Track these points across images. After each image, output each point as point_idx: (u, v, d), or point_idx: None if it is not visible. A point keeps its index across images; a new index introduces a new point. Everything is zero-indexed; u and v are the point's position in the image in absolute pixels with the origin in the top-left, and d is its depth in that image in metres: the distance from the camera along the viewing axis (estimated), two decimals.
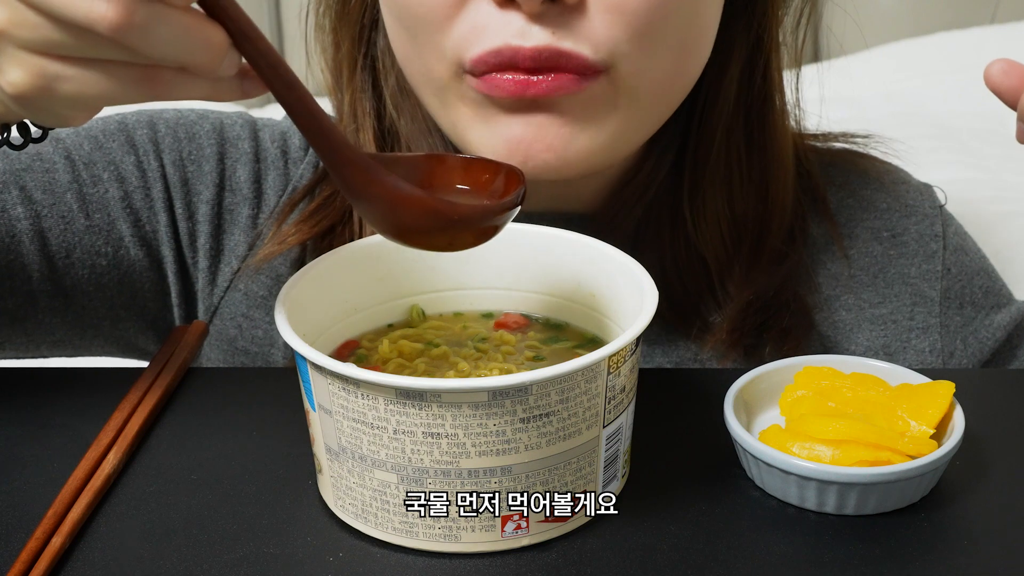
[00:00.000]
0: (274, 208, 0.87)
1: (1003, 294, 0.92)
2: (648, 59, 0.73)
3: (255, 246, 0.86)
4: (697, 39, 0.76)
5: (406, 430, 0.58)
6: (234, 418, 0.72)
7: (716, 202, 0.84)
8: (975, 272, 0.91)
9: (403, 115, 0.84)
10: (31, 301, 0.82)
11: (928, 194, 0.93)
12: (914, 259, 0.89)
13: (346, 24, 0.84)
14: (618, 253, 0.69)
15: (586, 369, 0.59)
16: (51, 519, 0.62)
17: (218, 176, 0.87)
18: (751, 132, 0.84)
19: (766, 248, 0.86)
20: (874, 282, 0.88)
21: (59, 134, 0.85)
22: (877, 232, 0.90)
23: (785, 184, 0.86)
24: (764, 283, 0.85)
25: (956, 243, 0.91)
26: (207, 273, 0.86)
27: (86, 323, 0.84)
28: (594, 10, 0.70)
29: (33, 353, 0.86)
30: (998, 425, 0.70)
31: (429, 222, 0.60)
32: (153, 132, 0.86)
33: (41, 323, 0.83)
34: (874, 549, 0.61)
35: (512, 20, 0.70)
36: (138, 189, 0.85)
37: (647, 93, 0.75)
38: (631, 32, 0.71)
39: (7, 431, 0.71)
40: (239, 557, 0.60)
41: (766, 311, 0.84)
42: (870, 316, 0.87)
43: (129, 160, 0.85)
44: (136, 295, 0.85)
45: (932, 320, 0.87)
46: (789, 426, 0.67)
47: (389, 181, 0.59)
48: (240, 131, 0.88)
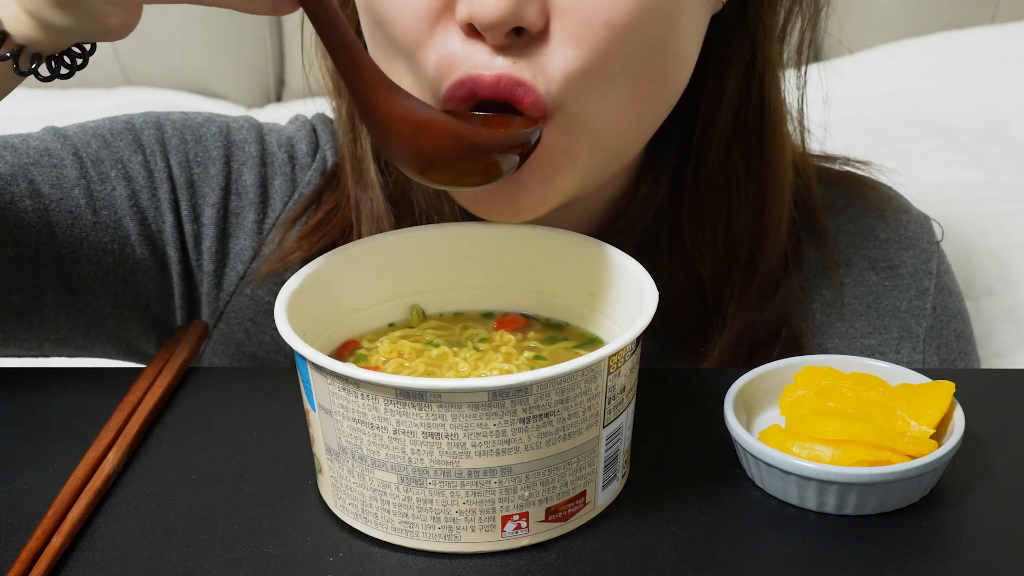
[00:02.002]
0: (280, 213, 0.87)
1: (970, 341, 0.92)
2: (604, 95, 0.70)
3: (261, 252, 0.86)
4: (664, 72, 0.73)
5: (406, 430, 0.58)
6: (234, 418, 0.72)
7: (713, 221, 0.83)
8: (953, 315, 0.90)
9: None
10: (38, 295, 0.82)
11: (927, 227, 0.91)
12: (906, 293, 0.88)
13: None
14: (618, 253, 0.69)
15: (586, 369, 0.59)
16: (51, 519, 0.62)
17: (224, 179, 0.86)
18: (749, 150, 0.83)
19: (760, 268, 0.85)
20: (867, 312, 0.87)
21: (65, 131, 0.86)
22: (874, 262, 0.89)
23: (782, 202, 0.85)
24: (756, 315, 0.84)
25: (944, 283, 0.90)
26: (212, 277, 0.86)
27: (90, 321, 0.84)
28: (555, 42, 0.68)
29: (36, 351, 0.86)
30: (998, 425, 0.70)
31: (450, 145, 0.61)
32: (160, 133, 0.86)
33: (46, 319, 0.83)
34: (874, 549, 0.61)
35: (478, 51, 0.69)
36: (145, 188, 0.85)
37: (607, 129, 0.72)
38: (588, 67, 0.69)
39: (7, 431, 0.71)
40: (239, 557, 0.61)
41: (756, 341, 0.84)
42: (860, 346, 0.86)
43: (136, 159, 0.85)
44: (140, 295, 0.85)
45: (916, 356, 0.87)
46: (789, 426, 0.67)
47: (412, 103, 0.60)
48: (247, 135, 0.88)
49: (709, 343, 0.84)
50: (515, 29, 0.67)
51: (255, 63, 1.93)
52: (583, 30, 0.68)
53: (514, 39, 0.68)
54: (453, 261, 0.73)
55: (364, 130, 0.84)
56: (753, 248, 0.85)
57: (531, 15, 0.67)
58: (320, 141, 0.90)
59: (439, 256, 0.72)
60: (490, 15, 0.66)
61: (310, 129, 0.91)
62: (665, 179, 0.84)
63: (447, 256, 0.72)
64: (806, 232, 0.88)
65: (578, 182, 0.73)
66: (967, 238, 1.15)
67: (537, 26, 0.68)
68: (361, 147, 0.84)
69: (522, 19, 0.67)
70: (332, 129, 0.91)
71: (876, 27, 1.82)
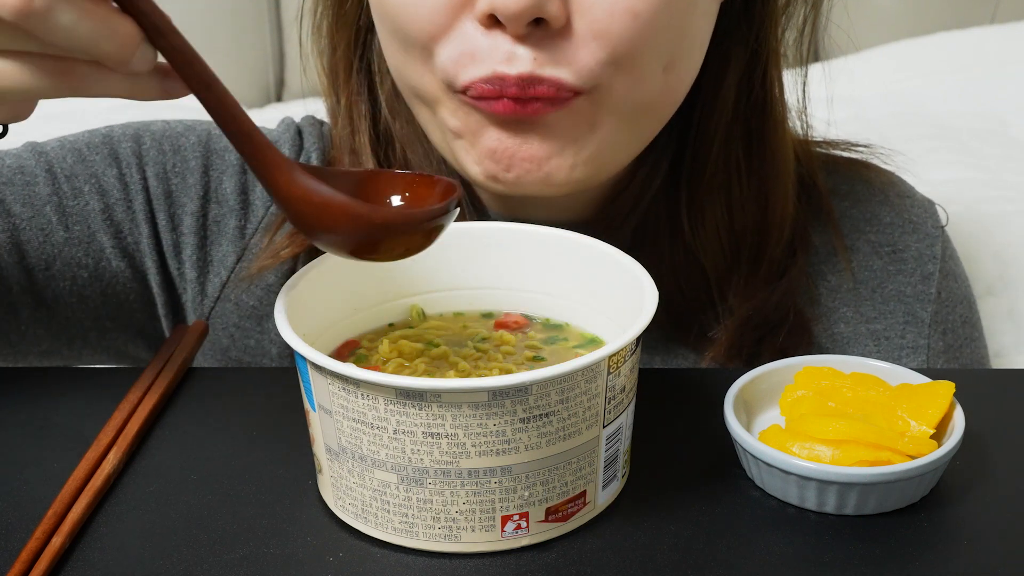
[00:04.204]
0: (262, 218, 0.87)
1: (976, 327, 0.92)
2: (632, 82, 0.72)
3: (244, 257, 0.86)
4: (684, 58, 0.75)
5: (406, 430, 0.58)
6: (234, 418, 0.72)
7: (715, 211, 0.84)
8: (958, 300, 0.91)
9: (398, 118, 0.85)
10: (13, 313, 0.82)
11: (931, 212, 0.92)
12: (911, 278, 0.89)
13: (343, 27, 0.84)
14: (618, 253, 0.69)
15: (586, 369, 0.59)
16: (51, 519, 0.62)
17: (203, 188, 0.87)
18: (750, 141, 0.84)
19: (765, 258, 0.85)
20: (872, 296, 0.88)
21: (43, 147, 0.86)
22: (879, 247, 0.89)
23: (785, 193, 0.85)
24: (763, 298, 0.85)
25: (949, 268, 0.91)
26: (195, 284, 0.87)
27: (72, 334, 0.85)
28: (579, 35, 0.70)
29: (22, 362, 0.86)
30: (998, 425, 0.70)
31: (350, 226, 0.59)
32: (137, 145, 0.87)
33: (25, 334, 0.83)
34: (874, 549, 0.61)
35: (499, 43, 0.70)
36: (119, 202, 0.85)
37: (632, 112, 0.74)
38: (615, 57, 0.71)
39: (7, 431, 0.71)
40: (239, 557, 0.60)
41: (765, 326, 0.84)
42: (866, 331, 0.87)
43: (111, 173, 0.85)
44: (121, 306, 0.86)
45: (921, 341, 0.87)
46: (789, 426, 0.67)
47: (311, 184, 0.58)
48: (227, 143, 0.88)
49: (715, 329, 0.84)
50: (535, 20, 0.69)
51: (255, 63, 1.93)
52: (606, 22, 0.70)
53: (533, 29, 0.69)
54: (453, 261, 0.73)
55: (364, 124, 0.85)
56: (757, 239, 0.85)
57: (553, 8, 0.69)
58: (305, 143, 0.90)
59: (439, 256, 0.72)
60: (514, 5, 0.67)
61: (295, 132, 0.91)
62: (663, 165, 0.84)
63: (447, 256, 0.72)
64: (811, 218, 0.89)
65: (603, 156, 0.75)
66: (967, 238, 1.15)
67: (559, 20, 0.69)
68: (359, 140, 0.85)
69: (544, 11, 0.68)
70: (321, 131, 0.92)
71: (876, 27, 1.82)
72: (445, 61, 0.72)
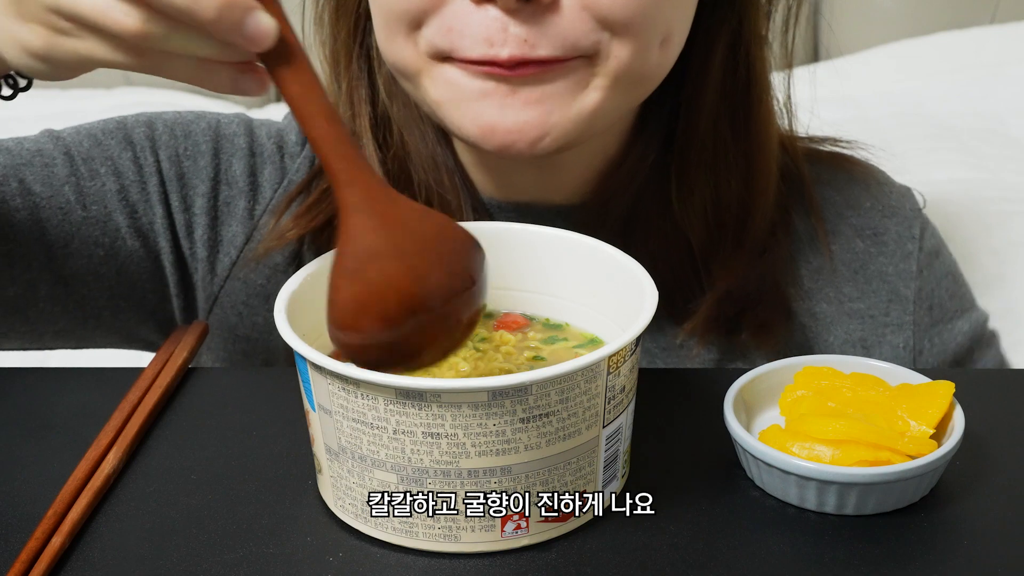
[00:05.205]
0: (270, 200, 0.89)
1: (967, 299, 0.95)
2: (632, 53, 0.74)
3: (253, 237, 0.88)
4: (677, 33, 0.78)
5: (406, 430, 0.58)
6: (234, 418, 0.72)
7: (702, 187, 0.86)
8: (943, 275, 0.94)
9: (395, 102, 0.86)
10: (32, 290, 0.84)
11: (909, 197, 0.95)
12: (892, 258, 0.92)
13: (343, 15, 0.86)
14: (618, 252, 0.69)
15: (586, 369, 0.59)
16: (51, 519, 0.62)
17: (213, 171, 0.89)
18: (736, 119, 0.86)
19: (748, 234, 0.88)
20: (854, 277, 0.91)
21: (60, 133, 0.88)
22: (860, 230, 0.92)
23: (768, 171, 0.88)
24: (744, 273, 0.87)
25: (931, 246, 0.94)
26: (206, 263, 0.89)
27: (87, 313, 0.86)
28: (568, 12, 0.72)
29: (37, 343, 0.88)
30: (998, 425, 0.70)
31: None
32: (151, 131, 0.89)
33: (43, 312, 0.85)
34: (874, 549, 0.61)
35: (489, 18, 0.72)
36: (134, 183, 0.87)
37: (627, 82, 0.76)
38: (604, 28, 0.73)
39: (7, 431, 0.71)
40: (239, 557, 0.60)
41: (744, 300, 0.86)
42: (849, 310, 0.90)
43: (126, 156, 0.88)
44: (135, 285, 0.88)
45: (906, 318, 0.90)
46: (789, 426, 0.67)
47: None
48: (236, 128, 0.91)
49: (695, 300, 0.86)
50: None
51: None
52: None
53: (523, 5, 0.71)
54: None
55: (364, 108, 0.87)
56: (741, 214, 0.88)
57: None
58: None
59: None
60: None
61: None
62: (656, 142, 0.86)
63: None
64: (794, 203, 0.91)
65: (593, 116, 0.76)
66: (967, 237, 1.15)
67: None
68: (360, 124, 0.87)
69: None
70: None
71: (876, 27, 1.82)
72: (433, 34, 0.74)
